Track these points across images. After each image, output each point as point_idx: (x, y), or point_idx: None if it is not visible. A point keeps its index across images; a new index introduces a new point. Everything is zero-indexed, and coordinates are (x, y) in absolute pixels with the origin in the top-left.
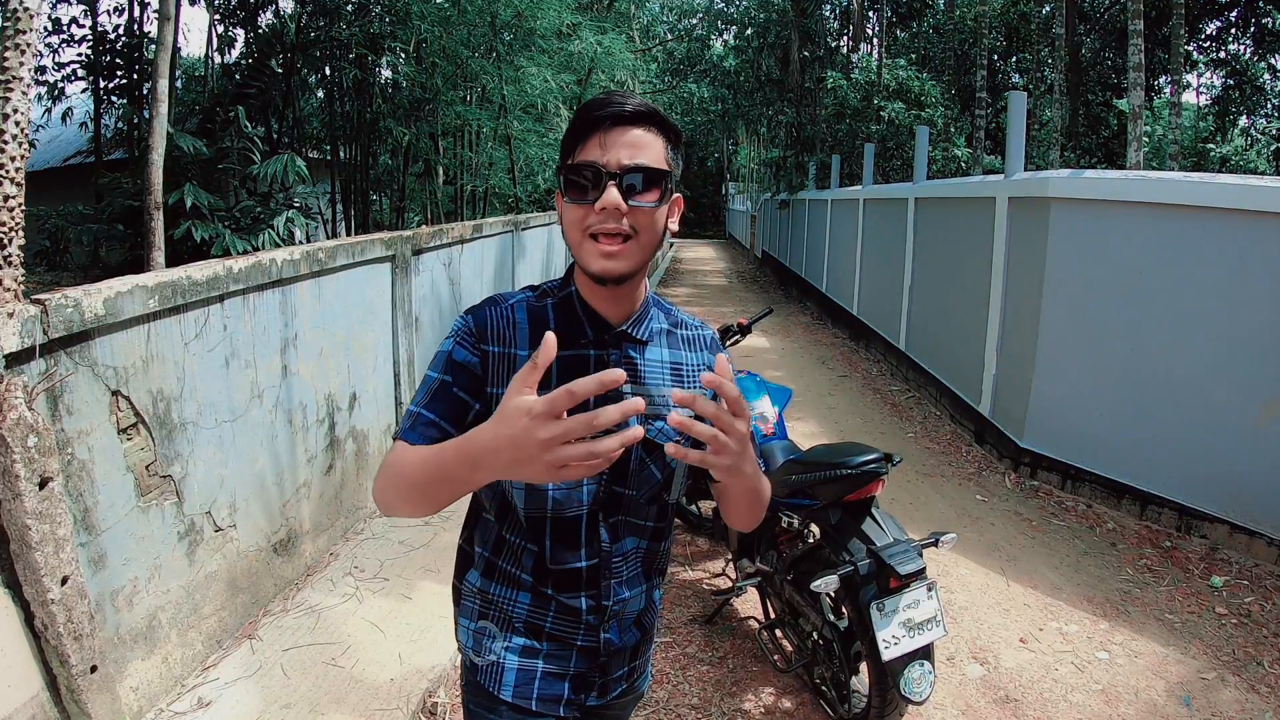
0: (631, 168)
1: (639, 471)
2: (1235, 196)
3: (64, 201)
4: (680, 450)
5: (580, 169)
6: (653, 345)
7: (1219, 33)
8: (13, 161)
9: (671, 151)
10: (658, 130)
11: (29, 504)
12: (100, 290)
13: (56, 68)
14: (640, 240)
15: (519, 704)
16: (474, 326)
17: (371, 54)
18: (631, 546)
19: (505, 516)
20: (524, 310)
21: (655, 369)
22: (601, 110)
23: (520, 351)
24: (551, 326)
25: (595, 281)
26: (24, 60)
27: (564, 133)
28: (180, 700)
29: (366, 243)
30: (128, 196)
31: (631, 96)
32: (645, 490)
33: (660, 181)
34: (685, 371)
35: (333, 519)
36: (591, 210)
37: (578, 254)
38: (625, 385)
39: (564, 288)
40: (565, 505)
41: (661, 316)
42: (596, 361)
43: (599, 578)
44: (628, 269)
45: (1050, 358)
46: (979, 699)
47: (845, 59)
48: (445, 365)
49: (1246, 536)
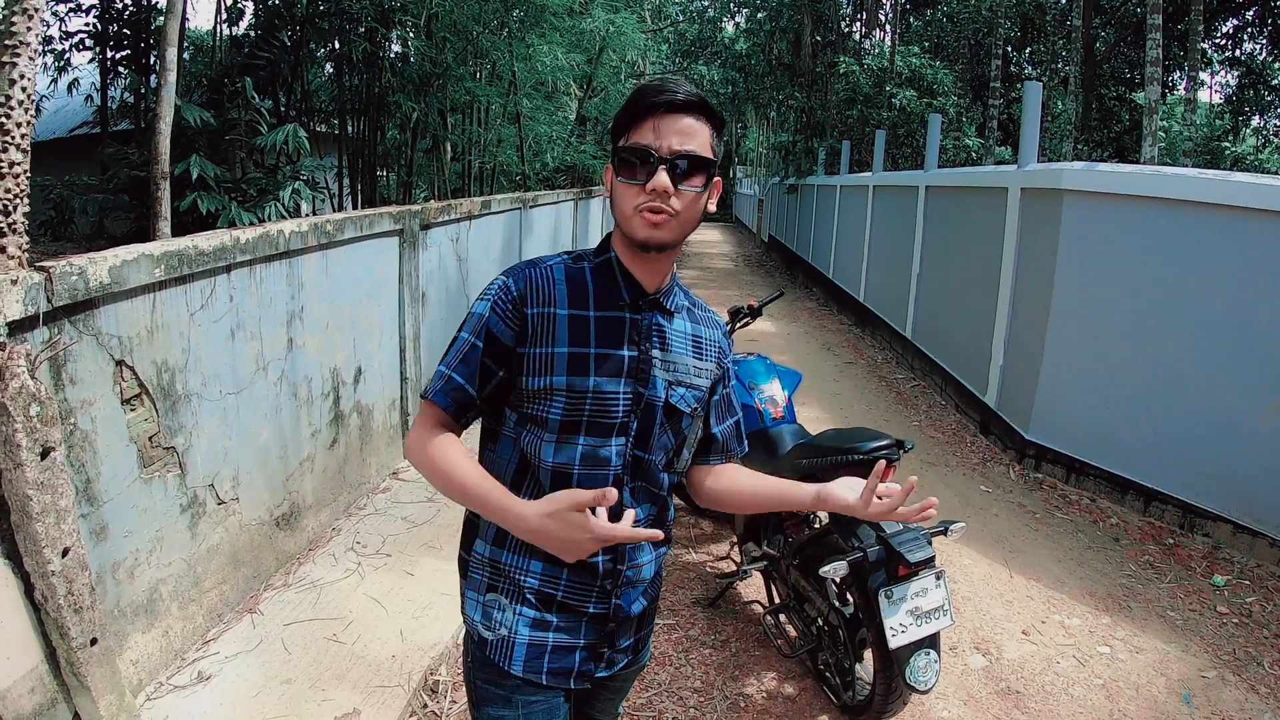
0: (681, 154)
1: (660, 436)
2: (1249, 195)
3: (69, 172)
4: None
5: (634, 151)
6: (678, 317)
7: (1235, 31)
8: (19, 128)
9: (715, 138)
10: (705, 119)
11: (30, 474)
12: (106, 258)
13: (63, 37)
14: (682, 218)
15: (530, 678)
16: (515, 292)
17: (382, 28)
18: (644, 515)
19: (523, 480)
20: (562, 271)
21: (680, 339)
22: (658, 97)
23: (560, 310)
24: (590, 287)
25: (639, 249)
26: (31, 25)
27: (618, 112)
28: (180, 674)
29: (375, 216)
30: (133, 167)
31: (682, 84)
32: (662, 455)
33: (706, 169)
34: (704, 344)
35: (335, 494)
36: (642, 190)
37: (626, 224)
38: (654, 350)
39: (601, 253)
40: (595, 464)
41: (682, 295)
42: (631, 324)
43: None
44: (670, 239)
45: (1058, 350)
46: (981, 689)
47: (858, 45)
48: (479, 329)
49: (1249, 536)
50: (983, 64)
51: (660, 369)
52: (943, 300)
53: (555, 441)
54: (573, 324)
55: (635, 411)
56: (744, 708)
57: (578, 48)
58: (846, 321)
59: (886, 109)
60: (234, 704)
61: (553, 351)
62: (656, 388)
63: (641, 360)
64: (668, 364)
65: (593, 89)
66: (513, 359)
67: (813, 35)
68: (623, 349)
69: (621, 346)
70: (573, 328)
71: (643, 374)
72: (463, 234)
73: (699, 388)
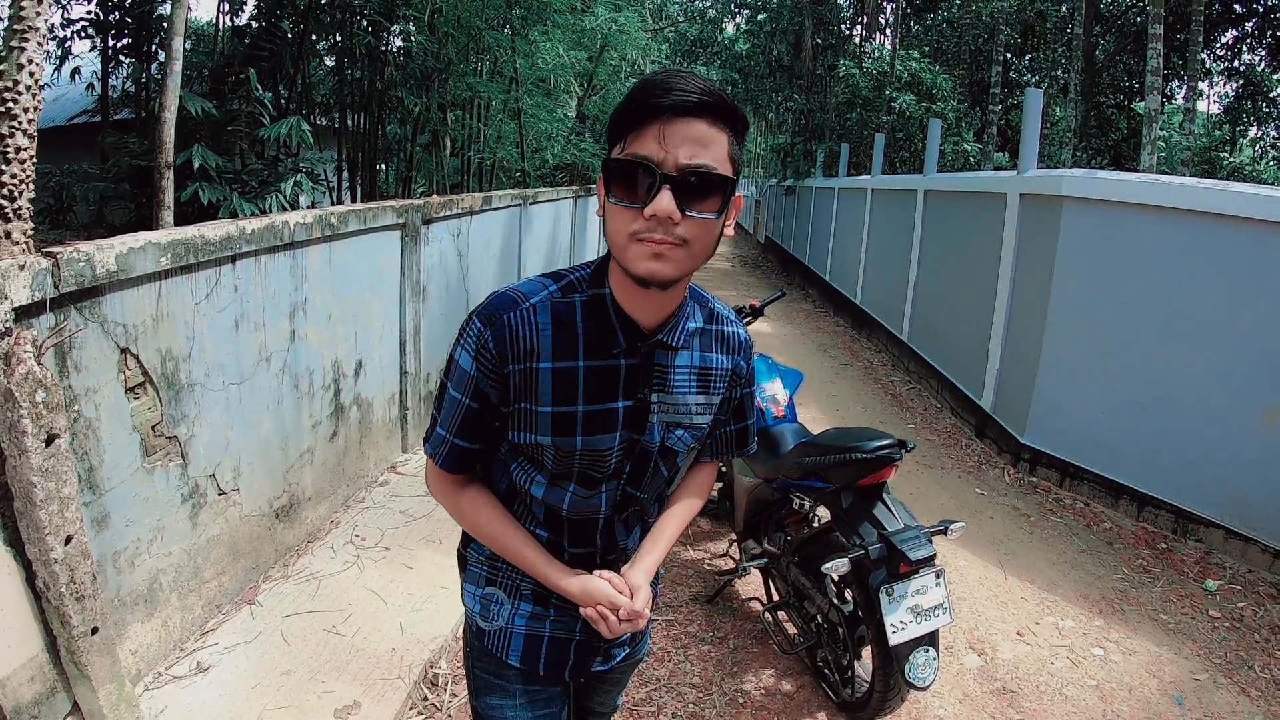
0: (692, 170)
1: (654, 477)
2: (1246, 205)
3: (68, 161)
4: None
5: (631, 166)
6: (684, 351)
7: (1235, 42)
8: (25, 113)
9: (736, 146)
10: (724, 123)
11: (35, 460)
12: (113, 245)
13: (64, 24)
14: (693, 249)
15: (527, 669)
16: (493, 345)
17: (384, 21)
18: (640, 534)
19: (513, 502)
20: (547, 312)
21: (684, 376)
22: (663, 98)
23: (543, 365)
24: (579, 330)
25: (637, 284)
26: (40, 10)
27: (616, 108)
28: (179, 664)
29: (378, 209)
30: (134, 156)
31: (694, 78)
32: (655, 490)
33: (723, 188)
34: (712, 376)
35: (335, 486)
36: (639, 215)
37: (620, 254)
38: (653, 395)
39: (595, 284)
40: (584, 510)
41: (698, 312)
42: (628, 371)
43: (609, 559)
44: (675, 274)
45: (1055, 355)
46: (976, 688)
47: (858, 48)
48: (467, 388)
49: (1241, 542)
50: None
51: (659, 413)
52: (940, 304)
53: (546, 484)
54: (558, 379)
55: (629, 459)
56: (743, 704)
57: (579, 45)
58: (843, 323)
59: (886, 112)
60: (233, 695)
61: (536, 410)
62: (653, 434)
63: (638, 409)
64: (667, 406)
65: (593, 87)
66: (501, 412)
67: (813, 37)
68: (616, 401)
69: (615, 398)
70: (558, 384)
71: (638, 423)
72: (464, 229)
73: (699, 427)
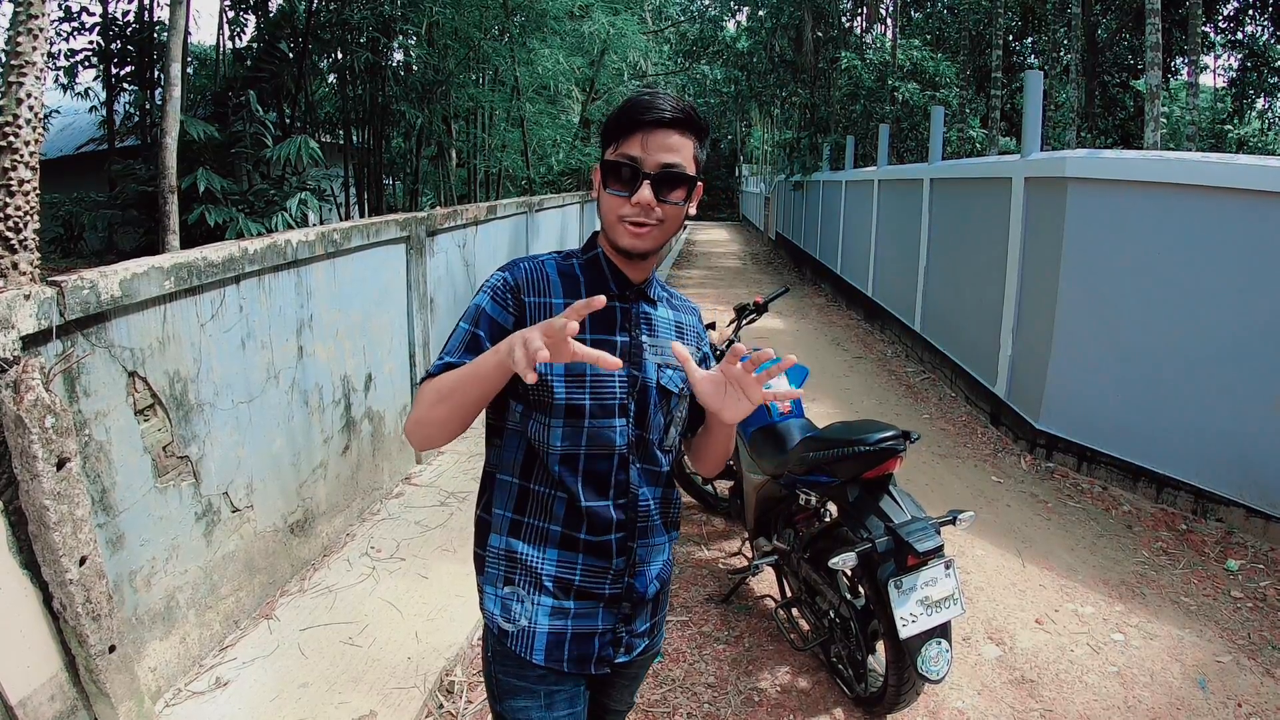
0: (665, 170)
1: (655, 416)
2: (1255, 178)
3: (77, 189)
4: (682, 352)
5: (622, 164)
6: (661, 305)
7: (1236, 14)
8: (27, 146)
9: (699, 147)
10: (690, 133)
11: (47, 484)
12: (116, 272)
13: (68, 55)
14: (665, 227)
15: (551, 667)
16: (512, 281)
17: (383, 37)
18: (651, 497)
19: (532, 469)
20: (554, 266)
21: (665, 324)
22: (645, 114)
23: (556, 300)
24: (581, 281)
25: (622, 254)
26: (36, 45)
27: (609, 118)
28: (198, 680)
29: (381, 224)
30: (141, 182)
31: (669, 99)
32: (657, 434)
33: (688, 182)
34: (685, 329)
35: (349, 500)
36: (627, 201)
37: (610, 230)
38: (644, 336)
39: (589, 250)
40: (601, 441)
41: (660, 287)
42: (621, 312)
43: (628, 521)
44: (652, 248)
45: (1067, 339)
46: (995, 679)
47: (859, 39)
48: (477, 318)
49: (1263, 520)
50: (984, 55)
51: (650, 353)
52: (951, 292)
53: (562, 426)
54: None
55: (632, 394)
56: (758, 702)
57: (579, 51)
58: (855, 317)
59: (889, 103)
60: (252, 709)
61: None
62: (648, 370)
63: (633, 345)
64: (656, 348)
65: (595, 92)
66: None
67: (814, 31)
68: (615, 335)
69: (614, 333)
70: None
71: (635, 358)
72: (470, 239)
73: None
